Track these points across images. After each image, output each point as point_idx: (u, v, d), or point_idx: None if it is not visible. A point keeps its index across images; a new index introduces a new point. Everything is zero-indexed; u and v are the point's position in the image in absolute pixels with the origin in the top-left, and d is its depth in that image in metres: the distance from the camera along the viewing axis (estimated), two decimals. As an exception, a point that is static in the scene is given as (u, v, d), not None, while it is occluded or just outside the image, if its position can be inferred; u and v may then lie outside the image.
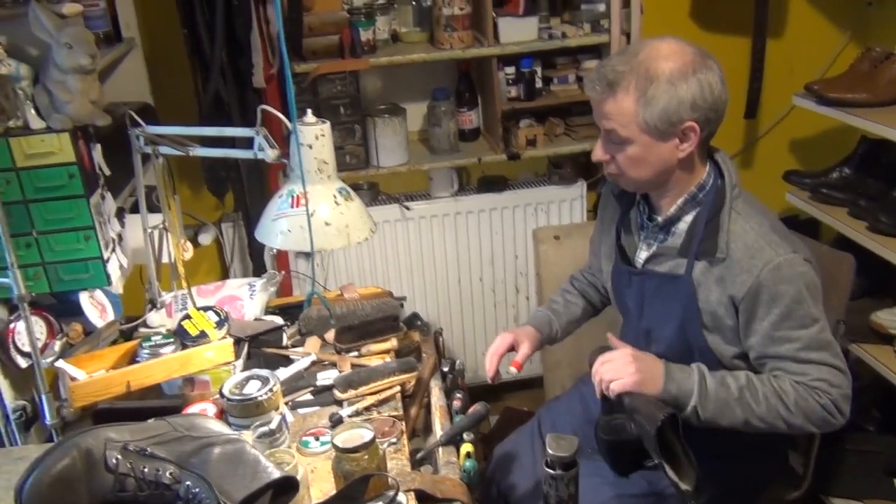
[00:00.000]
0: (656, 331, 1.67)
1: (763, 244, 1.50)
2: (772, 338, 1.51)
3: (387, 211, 2.74)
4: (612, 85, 1.49)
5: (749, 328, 1.53)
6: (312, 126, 1.48)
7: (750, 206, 1.57)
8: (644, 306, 1.68)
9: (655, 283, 1.63)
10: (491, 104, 2.67)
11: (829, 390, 1.51)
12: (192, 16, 2.19)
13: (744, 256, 1.50)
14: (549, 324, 1.92)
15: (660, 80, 1.45)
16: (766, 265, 1.48)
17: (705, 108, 1.48)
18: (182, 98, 2.46)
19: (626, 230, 1.72)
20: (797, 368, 1.51)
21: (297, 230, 1.50)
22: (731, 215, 1.53)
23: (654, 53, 1.47)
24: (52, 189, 1.69)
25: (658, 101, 1.46)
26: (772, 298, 1.48)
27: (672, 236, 1.61)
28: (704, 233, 1.54)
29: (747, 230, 1.52)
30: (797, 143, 3.05)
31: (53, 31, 1.59)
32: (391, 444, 1.57)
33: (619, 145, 1.54)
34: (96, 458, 1.15)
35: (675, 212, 1.59)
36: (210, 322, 1.75)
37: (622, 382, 1.52)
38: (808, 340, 1.50)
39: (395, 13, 2.65)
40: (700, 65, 1.47)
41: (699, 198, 1.58)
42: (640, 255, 1.68)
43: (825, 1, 2.89)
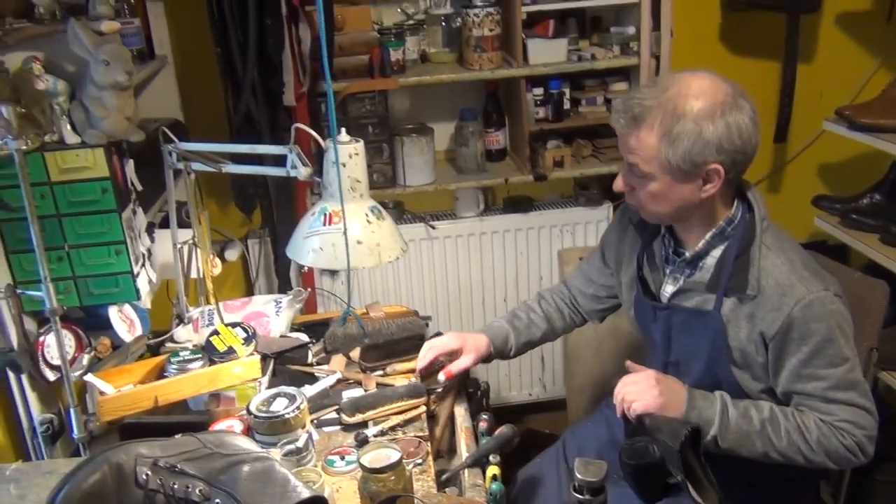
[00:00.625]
0: (684, 365, 1.64)
1: (794, 281, 1.46)
2: (800, 375, 1.48)
3: (412, 230, 2.75)
4: (636, 119, 1.45)
5: (778, 365, 1.50)
6: (346, 145, 1.49)
7: (779, 240, 1.53)
8: (671, 341, 1.65)
9: (682, 318, 1.60)
10: (518, 125, 2.68)
11: (854, 432, 1.48)
12: (226, 35, 2.21)
13: (774, 293, 1.46)
14: (505, 339, 1.88)
15: (686, 118, 1.41)
16: (797, 303, 1.44)
17: (732, 151, 1.43)
18: (211, 114, 2.48)
19: (650, 261, 1.68)
20: (824, 408, 1.49)
21: (328, 248, 1.50)
22: (761, 250, 1.50)
23: (685, 90, 1.43)
24: (85, 203, 1.71)
25: (682, 140, 1.41)
26: (802, 336, 1.46)
27: (700, 271, 1.57)
28: (734, 268, 1.50)
29: (778, 266, 1.48)
30: (826, 167, 3.03)
31: (91, 48, 1.61)
32: (417, 465, 1.55)
33: (640, 179, 1.50)
34: (127, 473, 1.15)
35: (703, 246, 1.55)
36: (238, 338, 1.75)
37: (644, 403, 1.50)
38: (837, 380, 1.47)
39: (425, 34, 2.67)
40: (731, 105, 1.42)
41: (727, 232, 1.54)
42: (666, 290, 1.64)
43: (856, 26, 2.88)
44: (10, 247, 1.70)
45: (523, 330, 1.91)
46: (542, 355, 2.98)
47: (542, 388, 3.04)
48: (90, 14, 1.73)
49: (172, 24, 2.46)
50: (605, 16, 2.74)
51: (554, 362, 3.00)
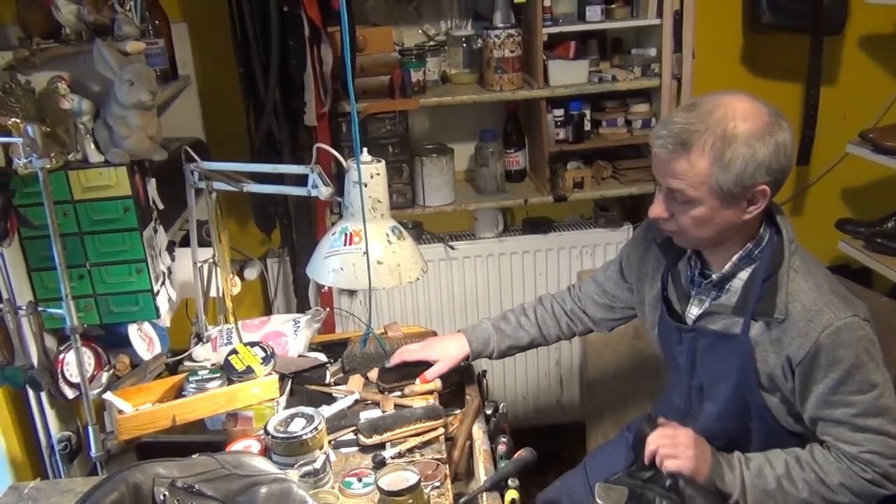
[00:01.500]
0: (710, 388, 1.62)
1: (822, 306, 1.44)
2: (828, 401, 1.46)
3: (431, 250, 2.74)
4: (685, 144, 1.41)
5: (805, 391, 1.48)
6: (368, 165, 1.49)
7: (807, 263, 1.51)
8: (696, 364, 1.62)
9: (708, 341, 1.58)
10: (538, 146, 2.67)
11: (878, 463, 1.46)
12: (248, 56, 2.23)
13: (802, 319, 1.44)
14: (486, 342, 1.88)
15: (738, 141, 1.39)
16: (825, 329, 1.42)
17: (778, 171, 1.42)
18: (233, 134, 2.50)
19: (675, 282, 1.66)
20: (850, 436, 1.47)
21: (348, 268, 1.50)
22: (789, 274, 1.48)
23: (731, 112, 1.40)
24: (107, 222, 1.71)
25: (735, 163, 1.39)
26: (830, 363, 1.43)
27: (726, 293, 1.55)
28: (761, 291, 1.48)
29: (806, 290, 1.46)
30: (850, 190, 3.00)
31: (116, 68, 1.62)
32: (434, 488, 1.54)
33: (683, 204, 1.47)
34: (144, 493, 1.15)
35: (731, 269, 1.53)
36: (256, 358, 1.75)
37: (679, 464, 1.51)
38: (866, 406, 1.45)
39: (446, 55, 2.68)
40: (776, 126, 1.41)
41: (755, 254, 1.52)
42: (692, 311, 1.62)
43: (880, 49, 2.86)
44: (33, 264, 1.71)
45: (509, 334, 1.91)
46: (560, 378, 2.96)
47: (560, 411, 3.01)
48: (116, 34, 1.74)
49: (196, 45, 2.49)
50: (627, 38, 2.74)
51: (572, 385, 2.97)
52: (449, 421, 1.79)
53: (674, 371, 1.73)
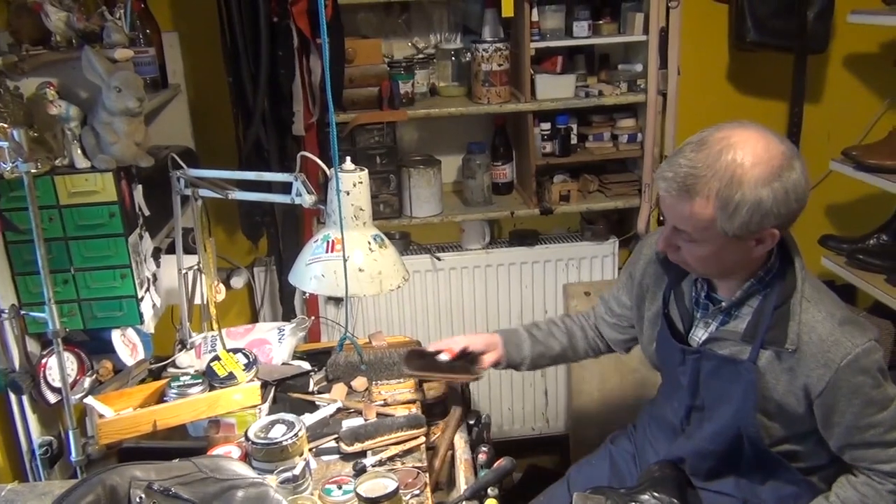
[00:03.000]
0: (710, 410, 1.60)
1: (839, 336, 1.43)
2: (857, 427, 1.47)
3: (418, 261, 2.75)
4: (689, 190, 1.37)
5: (830, 421, 1.48)
6: (351, 173, 1.50)
7: (818, 291, 1.50)
8: (699, 385, 1.61)
9: (714, 365, 1.56)
10: (525, 159, 2.69)
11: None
12: (238, 65, 2.24)
13: (818, 350, 1.44)
14: (519, 347, 1.83)
15: (744, 189, 1.34)
16: (843, 358, 1.42)
17: (786, 215, 1.38)
18: (223, 143, 2.51)
19: (678, 301, 1.64)
20: (884, 455, 1.49)
21: (330, 275, 1.51)
22: (802, 304, 1.46)
23: (739, 157, 1.34)
24: (93, 227, 1.73)
25: (740, 212, 1.35)
26: (852, 392, 1.44)
27: (735, 319, 1.54)
28: (772, 320, 1.47)
29: (820, 321, 1.45)
30: (833, 208, 3.03)
31: (104, 75, 1.64)
32: (414, 496, 1.54)
33: (688, 243, 1.46)
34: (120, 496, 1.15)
35: (741, 296, 1.52)
36: (239, 364, 1.76)
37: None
38: (891, 420, 1.47)
39: (434, 67, 2.70)
40: (786, 168, 1.35)
41: (766, 281, 1.50)
42: (697, 334, 1.61)
43: (863, 68, 2.89)
44: (17, 268, 1.72)
45: (541, 341, 1.85)
46: (545, 389, 2.97)
47: (545, 423, 3.02)
48: (105, 42, 1.76)
49: (186, 54, 2.50)
50: (614, 53, 2.76)
51: (557, 397, 2.98)
52: (431, 430, 1.80)
53: (673, 390, 1.71)
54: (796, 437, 1.56)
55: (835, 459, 1.57)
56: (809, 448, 1.57)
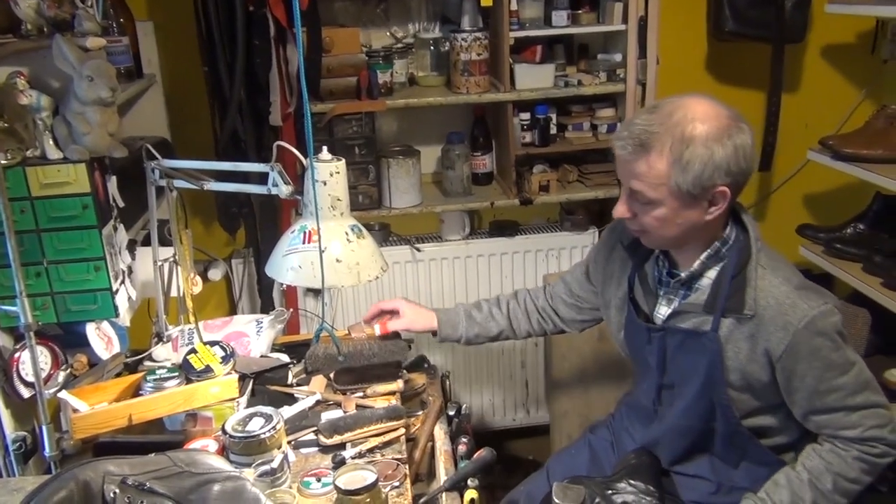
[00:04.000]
0: (679, 387, 1.63)
1: (795, 299, 1.47)
2: (818, 391, 1.49)
3: (398, 252, 2.74)
4: (644, 145, 1.44)
5: (791, 385, 1.51)
6: (327, 163, 1.49)
7: (773, 259, 1.54)
8: (667, 363, 1.63)
9: (679, 340, 1.59)
10: (505, 149, 2.69)
11: (881, 435, 1.51)
12: (214, 55, 2.22)
13: (777, 313, 1.47)
14: (455, 327, 1.90)
15: (696, 143, 1.41)
16: (801, 320, 1.45)
17: (737, 173, 1.44)
18: (199, 134, 2.49)
19: (642, 283, 1.68)
20: (847, 421, 1.51)
21: (307, 266, 1.50)
22: (757, 270, 1.50)
23: (690, 115, 1.42)
24: (66, 219, 1.69)
25: (693, 165, 1.41)
26: (811, 353, 1.46)
27: (695, 292, 1.57)
28: (730, 289, 1.50)
29: (776, 285, 1.49)
30: (811, 197, 3.05)
31: (76, 64, 1.61)
32: (394, 488, 1.54)
33: (645, 205, 1.49)
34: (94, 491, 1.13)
35: (699, 267, 1.55)
36: (216, 357, 1.74)
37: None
38: (853, 385, 1.49)
39: (413, 57, 2.69)
40: (735, 128, 1.43)
41: (722, 253, 1.54)
42: (661, 311, 1.63)
43: (841, 57, 2.91)
44: (-12, 262, 1.69)
45: (480, 322, 1.92)
46: (525, 380, 2.97)
47: (525, 414, 3.02)
48: (76, 30, 1.72)
49: (161, 43, 2.47)
50: (593, 43, 2.76)
51: (538, 388, 2.98)
52: (411, 422, 1.79)
53: (642, 372, 1.73)
54: (766, 410, 1.57)
55: (805, 436, 1.59)
56: (781, 422, 1.59)
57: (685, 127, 1.41)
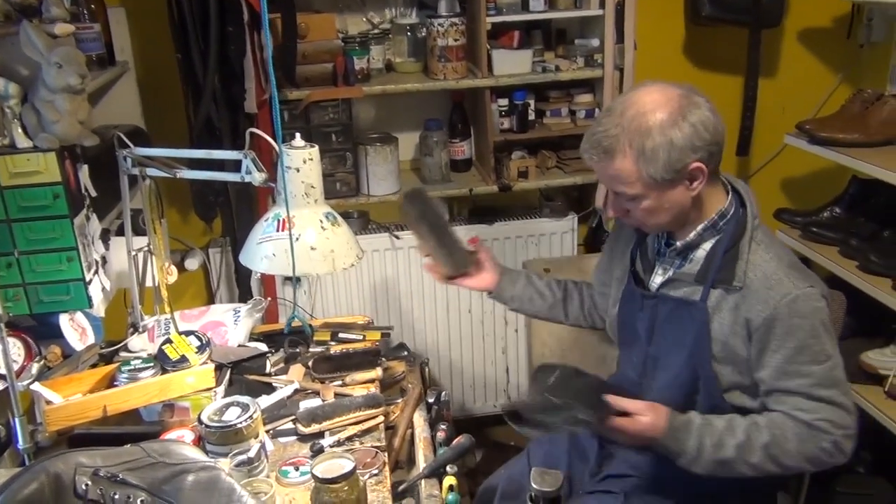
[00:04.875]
0: (664, 358, 1.65)
1: (782, 276, 1.49)
2: (784, 371, 1.50)
3: (376, 240, 2.73)
4: (608, 151, 1.48)
5: (761, 360, 1.52)
6: (300, 150, 1.47)
7: (769, 237, 1.57)
8: (654, 331, 1.66)
9: (669, 308, 1.62)
10: (483, 135, 2.68)
11: (832, 431, 1.50)
12: (186, 41, 2.19)
13: (762, 287, 1.49)
14: (513, 282, 1.91)
15: (653, 133, 1.44)
16: (783, 297, 1.47)
17: (705, 146, 1.46)
18: (174, 123, 2.46)
19: (643, 255, 1.71)
20: (805, 405, 1.50)
21: (281, 254, 1.49)
22: (751, 245, 1.53)
23: (641, 108, 1.46)
24: (36, 209, 1.67)
25: (658, 154, 1.44)
26: (786, 331, 1.48)
27: (690, 262, 1.60)
28: (723, 261, 1.53)
29: (767, 260, 1.52)
30: (788, 181, 3.06)
31: (44, 51, 1.58)
32: (372, 476, 1.53)
33: (631, 201, 1.53)
34: (65, 483, 1.12)
35: (695, 238, 1.58)
36: (191, 347, 1.72)
37: None
38: (821, 377, 1.49)
39: (390, 43, 2.67)
40: (688, 106, 1.45)
41: (720, 226, 1.56)
42: (655, 280, 1.66)
43: (817, 43, 2.92)
44: (-42, 253, 1.66)
45: (537, 286, 1.92)
46: (506, 367, 2.98)
47: (506, 400, 3.02)
48: (44, 16, 1.69)
49: (134, 29, 2.43)
50: (571, 28, 2.75)
51: (519, 374, 2.99)
52: (390, 409, 1.79)
53: (630, 342, 1.74)
54: (746, 389, 1.58)
55: None
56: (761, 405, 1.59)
57: (639, 121, 1.45)
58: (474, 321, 2.88)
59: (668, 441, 1.53)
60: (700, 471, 1.54)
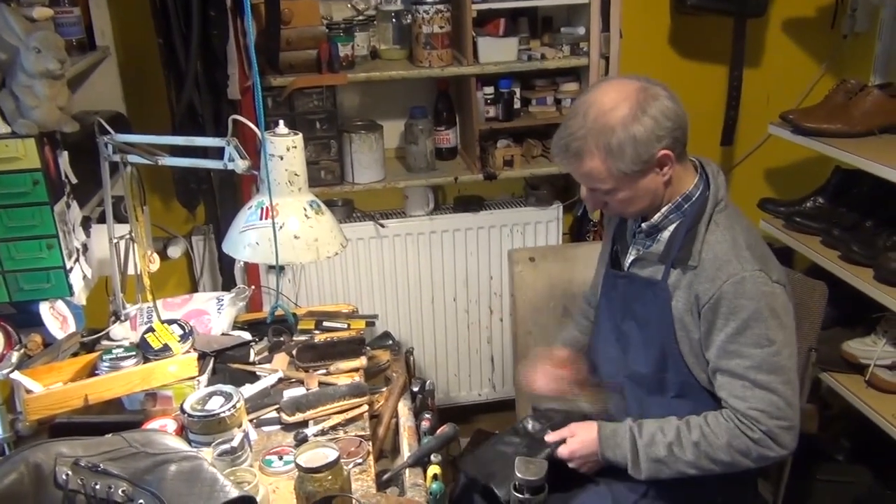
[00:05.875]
0: (632, 335, 1.69)
1: (731, 257, 1.53)
2: (725, 350, 1.53)
3: (361, 228, 2.72)
4: (577, 153, 1.53)
5: (708, 339, 1.56)
6: (284, 137, 1.46)
7: (733, 220, 1.59)
8: (626, 310, 1.70)
9: (637, 288, 1.66)
10: (469, 124, 2.66)
11: (764, 421, 1.51)
12: (168, 26, 2.16)
13: (711, 266, 1.54)
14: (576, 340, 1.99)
15: (616, 130, 1.49)
16: (729, 278, 1.51)
17: (668, 133, 1.51)
18: (156, 109, 2.43)
19: (622, 236, 1.76)
20: (740, 392, 1.53)
21: (265, 243, 1.48)
22: (709, 226, 1.57)
23: (601, 107, 1.51)
24: (15, 196, 1.65)
25: (624, 149, 1.50)
26: (730, 311, 1.51)
27: (656, 243, 1.64)
28: (683, 241, 1.58)
29: (721, 241, 1.55)
30: (772, 171, 3.07)
31: (22, 35, 1.56)
32: (357, 465, 1.53)
33: (605, 195, 1.59)
34: (45, 473, 1.11)
35: (660, 219, 1.62)
36: (174, 335, 1.71)
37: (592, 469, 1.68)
38: (760, 361, 1.51)
39: (375, 30, 2.64)
40: (645, 99, 1.50)
41: (684, 208, 1.60)
42: (628, 259, 1.71)
43: (802, 33, 2.93)
44: (-64, 240, 1.64)
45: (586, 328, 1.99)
46: (491, 355, 2.98)
47: (491, 389, 3.03)
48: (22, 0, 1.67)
49: (115, 13, 2.39)
50: (556, 16, 2.74)
51: (503, 363, 2.99)
52: (375, 398, 1.79)
53: (608, 321, 1.78)
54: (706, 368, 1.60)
55: None
56: None
57: (602, 121, 1.50)
58: (459, 310, 2.88)
59: (607, 451, 1.62)
60: (644, 475, 1.59)
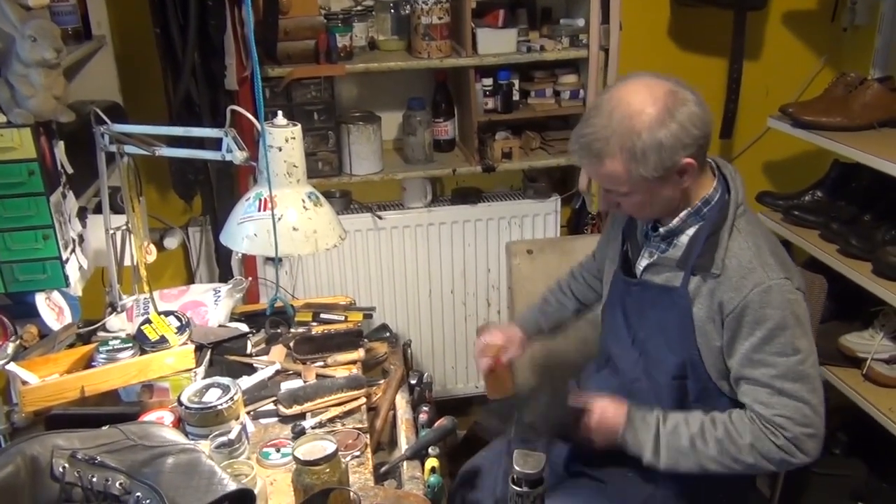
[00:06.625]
0: (650, 342, 1.65)
1: (756, 265, 1.49)
2: (750, 360, 1.50)
3: (359, 220, 2.71)
4: (598, 154, 1.48)
5: (731, 347, 1.53)
6: (283, 128, 1.45)
7: (752, 226, 1.56)
8: (641, 317, 1.66)
9: (653, 294, 1.62)
10: (467, 115, 2.65)
11: (790, 428, 1.49)
12: (165, 15, 2.14)
13: (735, 274, 1.50)
14: (536, 324, 1.96)
15: (642, 135, 1.43)
16: (755, 286, 1.47)
17: (693, 143, 1.46)
18: (153, 99, 2.41)
19: (632, 237, 1.72)
20: (766, 399, 1.50)
21: (263, 234, 1.47)
22: (731, 232, 1.53)
23: (628, 109, 1.45)
24: (11, 186, 1.64)
25: (648, 155, 1.44)
26: (756, 321, 1.48)
27: (673, 248, 1.60)
28: (704, 247, 1.54)
29: (745, 248, 1.51)
30: (771, 164, 3.07)
31: (17, 23, 1.55)
32: (354, 458, 1.53)
33: (620, 197, 1.54)
34: (42, 465, 1.10)
35: (678, 224, 1.58)
36: (171, 327, 1.70)
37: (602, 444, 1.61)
38: (786, 369, 1.49)
39: (373, 20, 2.63)
40: (675, 103, 1.44)
41: (703, 212, 1.57)
42: (641, 263, 1.67)
43: (801, 26, 2.92)
44: (-69, 230, 1.63)
45: (552, 314, 1.98)
46: (488, 348, 2.97)
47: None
48: (18, -12, 1.65)
49: (111, 2, 2.38)
50: (556, 7, 2.72)
51: (501, 355, 2.98)
52: (373, 391, 1.78)
53: (617, 326, 1.74)
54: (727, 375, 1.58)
55: None
56: None
57: (628, 123, 1.44)
58: (457, 302, 2.88)
59: (628, 433, 1.57)
60: (663, 464, 1.55)
